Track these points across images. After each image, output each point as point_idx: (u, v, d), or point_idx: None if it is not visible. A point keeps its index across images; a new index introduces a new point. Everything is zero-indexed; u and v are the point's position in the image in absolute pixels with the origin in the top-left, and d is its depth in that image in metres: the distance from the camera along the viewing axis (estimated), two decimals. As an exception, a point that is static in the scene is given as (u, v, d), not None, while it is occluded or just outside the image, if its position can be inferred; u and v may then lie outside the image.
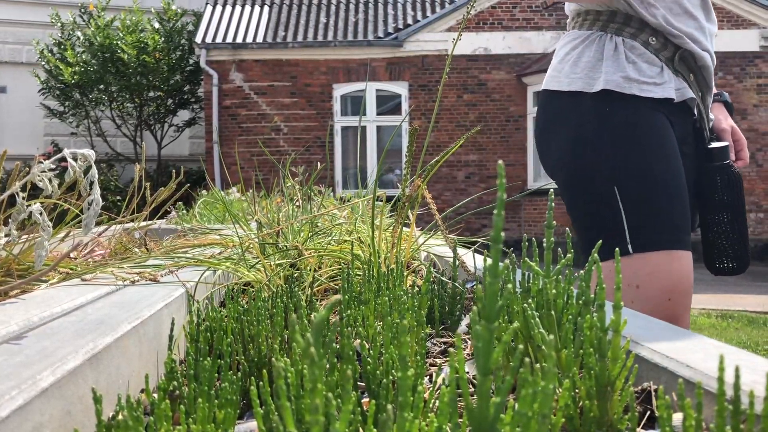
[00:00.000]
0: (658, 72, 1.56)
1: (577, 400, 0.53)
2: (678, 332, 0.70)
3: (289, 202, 1.83)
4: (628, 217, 1.50)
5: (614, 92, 1.54)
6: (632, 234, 1.50)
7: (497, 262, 0.36)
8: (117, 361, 0.73)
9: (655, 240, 1.50)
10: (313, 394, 0.34)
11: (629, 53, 1.57)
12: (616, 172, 1.54)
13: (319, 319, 0.35)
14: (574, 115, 1.60)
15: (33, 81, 13.72)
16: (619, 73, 1.55)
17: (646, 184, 1.52)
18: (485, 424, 0.35)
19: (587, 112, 1.58)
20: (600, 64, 1.57)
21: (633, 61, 1.56)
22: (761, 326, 5.68)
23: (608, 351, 0.51)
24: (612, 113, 1.56)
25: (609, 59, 1.57)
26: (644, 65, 1.56)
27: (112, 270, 1.19)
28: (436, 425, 0.35)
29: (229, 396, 0.53)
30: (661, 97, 1.55)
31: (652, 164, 1.53)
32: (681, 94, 1.58)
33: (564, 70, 1.64)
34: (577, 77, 1.60)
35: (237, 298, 0.93)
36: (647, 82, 1.55)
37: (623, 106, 1.56)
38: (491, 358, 0.35)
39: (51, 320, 0.80)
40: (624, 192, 1.52)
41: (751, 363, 0.57)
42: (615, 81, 1.54)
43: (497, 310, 0.35)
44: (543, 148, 1.72)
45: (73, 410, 0.58)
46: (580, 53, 1.61)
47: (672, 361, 0.59)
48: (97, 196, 0.92)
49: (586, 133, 1.58)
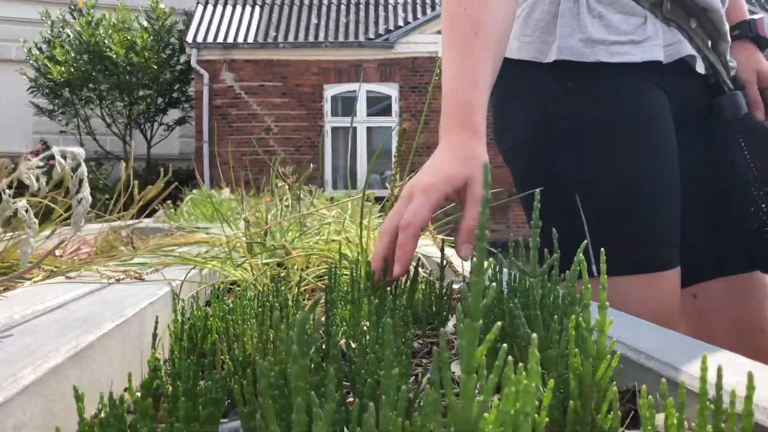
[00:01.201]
0: (639, 25, 1.16)
1: (562, 399, 0.53)
2: (666, 334, 0.70)
3: (279, 201, 1.83)
4: (592, 233, 1.15)
5: (573, 62, 1.16)
6: (597, 253, 1.12)
7: (482, 260, 0.35)
8: (100, 360, 0.72)
9: (625, 264, 1.14)
10: (295, 393, 0.33)
11: (594, 3, 1.16)
12: (578, 176, 1.17)
13: (302, 317, 0.34)
14: (528, 92, 1.22)
15: (22, 78, 13.63)
16: (577, 34, 1.15)
17: (617, 192, 1.16)
18: (468, 422, 0.35)
19: (543, 90, 1.20)
20: (555, 22, 1.18)
21: (599, 15, 1.16)
22: None
23: (593, 351, 0.51)
24: (573, 91, 1.18)
25: (565, 15, 1.17)
26: (616, 18, 1.16)
27: (97, 268, 1.18)
28: (420, 423, 0.35)
29: (211, 395, 0.53)
30: (641, 61, 1.15)
31: (625, 163, 1.17)
32: (674, 52, 1.18)
33: (514, 31, 1.23)
34: (528, 41, 1.21)
35: (223, 297, 0.92)
36: (620, 42, 1.15)
37: (588, 79, 1.17)
38: (475, 356, 0.34)
39: (34, 318, 0.80)
40: (587, 202, 1.16)
41: (735, 364, 0.58)
42: (571, 47, 1.15)
43: (482, 308, 0.34)
44: (496, 128, 1.33)
45: (55, 408, 0.58)
46: (533, 5, 1.21)
47: (657, 361, 0.59)
48: (86, 194, 0.92)
49: (543, 118, 1.20)
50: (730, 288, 1.30)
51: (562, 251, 1.19)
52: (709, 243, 1.29)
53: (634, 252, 1.16)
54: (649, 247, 1.17)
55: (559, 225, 1.16)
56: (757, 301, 1.31)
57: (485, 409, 0.35)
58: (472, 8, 1.00)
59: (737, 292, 1.30)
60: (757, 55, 1.35)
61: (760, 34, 1.36)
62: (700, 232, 1.29)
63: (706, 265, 1.30)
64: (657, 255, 1.18)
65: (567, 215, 1.18)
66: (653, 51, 1.16)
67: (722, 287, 1.30)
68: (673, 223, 1.20)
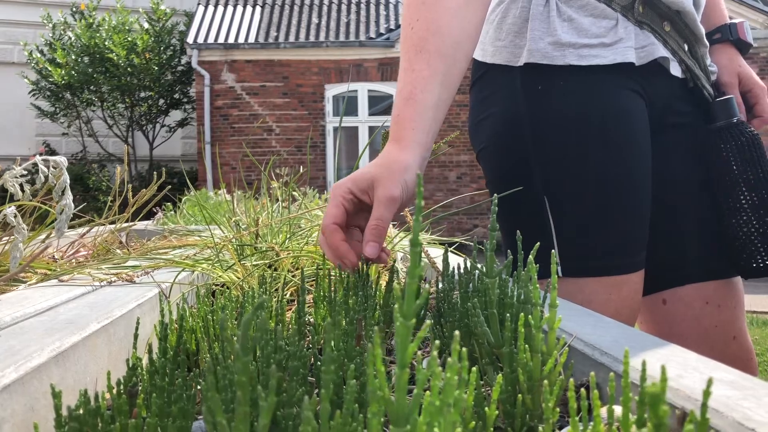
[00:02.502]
0: (610, 28, 1.17)
1: (513, 393, 0.56)
2: (624, 330, 0.73)
3: (274, 202, 1.86)
4: (559, 235, 1.18)
5: (543, 65, 1.18)
6: (563, 254, 1.17)
7: (416, 264, 0.38)
8: (85, 359, 0.75)
9: (591, 265, 1.17)
10: (238, 387, 0.36)
11: (564, 6, 1.18)
12: (547, 179, 1.19)
13: (246, 319, 0.38)
14: (501, 95, 1.24)
15: (24, 81, 13.70)
16: (547, 37, 1.17)
17: (585, 194, 1.17)
18: (402, 414, 0.38)
19: (515, 93, 1.21)
20: (526, 26, 1.19)
21: (569, 18, 1.17)
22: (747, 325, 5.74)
23: (540, 347, 0.54)
24: (543, 95, 1.19)
25: (536, 18, 1.18)
26: (587, 20, 1.17)
27: (89, 271, 1.21)
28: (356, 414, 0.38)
29: (182, 391, 0.56)
30: (612, 63, 1.16)
31: (593, 165, 1.17)
32: (647, 54, 1.19)
33: (489, 34, 1.27)
34: (502, 45, 1.23)
35: (207, 299, 0.95)
36: (590, 45, 1.16)
37: (558, 83, 1.18)
38: (408, 352, 0.37)
39: (23, 320, 0.83)
40: (556, 204, 1.18)
41: (682, 359, 0.60)
42: (541, 50, 1.17)
43: (415, 308, 0.37)
44: (471, 127, 1.35)
45: (37, 406, 0.61)
46: (505, 10, 1.24)
47: (609, 356, 0.62)
48: (69, 201, 0.95)
49: (513, 121, 1.21)
50: (703, 294, 1.30)
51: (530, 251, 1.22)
52: (685, 248, 1.30)
53: (600, 254, 1.17)
54: (615, 250, 1.18)
55: (528, 225, 1.21)
56: (731, 307, 1.31)
57: (418, 401, 0.38)
58: (418, 28, 1.05)
59: (711, 299, 1.30)
60: (738, 59, 1.36)
61: (741, 38, 1.37)
62: (676, 236, 1.30)
63: (679, 270, 1.30)
64: (622, 258, 1.19)
65: (536, 216, 1.20)
66: (625, 53, 1.16)
67: (695, 293, 1.30)
68: (641, 226, 1.21)
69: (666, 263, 1.30)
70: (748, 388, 0.51)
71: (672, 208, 1.29)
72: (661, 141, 1.26)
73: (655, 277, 1.29)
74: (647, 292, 1.31)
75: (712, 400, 0.48)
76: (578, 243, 1.18)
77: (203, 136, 12.58)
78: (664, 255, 1.30)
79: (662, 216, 1.27)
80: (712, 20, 1.42)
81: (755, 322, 5.88)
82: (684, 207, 1.29)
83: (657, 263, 1.28)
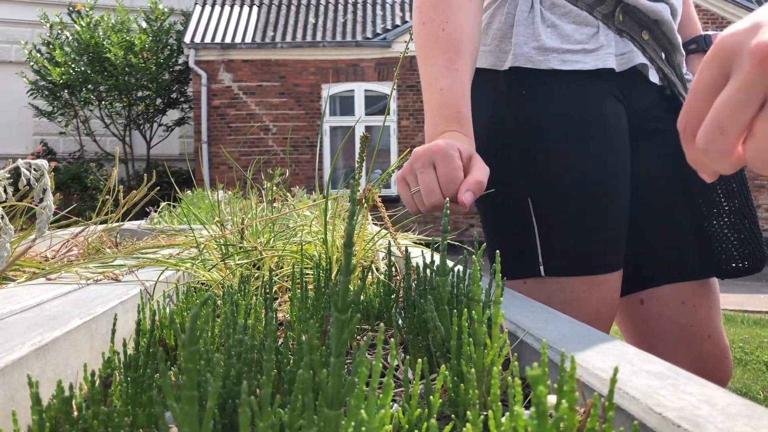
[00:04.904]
0: (592, 35, 1.21)
1: (458, 383, 0.60)
2: (573, 326, 0.77)
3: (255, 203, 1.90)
4: (541, 235, 1.22)
5: (527, 69, 1.22)
6: (546, 254, 1.22)
7: (349, 263, 0.43)
8: (66, 353, 0.79)
9: (572, 265, 1.22)
10: (186, 373, 0.41)
11: (548, 13, 1.22)
12: (531, 180, 1.23)
13: (194, 312, 0.42)
14: (486, 98, 1.28)
15: (22, 80, 13.73)
16: (531, 42, 1.21)
17: (567, 195, 1.21)
18: (336, 399, 0.42)
19: (500, 97, 1.25)
20: (512, 32, 1.24)
21: (552, 24, 1.22)
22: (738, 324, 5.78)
23: (482, 340, 0.58)
24: (527, 98, 1.23)
25: (521, 24, 1.23)
26: (569, 27, 1.21)
27: (76, 270, 1.26)
28: (292, 400, 0.42)
29: (151, 381, 0.60)
30: (594, 69, 1.21)
31: (574, 167, 1.21)
32: (626, 61, 1.24)
33: None
34: (487, 50, 1.28)
35: (188, 297, 0.99)
36: (572, 50, 1.20)
37: (541, 86, 1.22)
38: (342, 343, 0.42)
39: (8, 316, 0.87)
40: (539, 205, 1.22)
41: (620, 352, 0.65)
42: (526, 54, 1.22)
43: (348, 303, 0.42)
44: None
45: (17, 396, 0.65)
46: (491, 16, 1.29)
47: (553, 350, 0.66)
48: (49, 203, 0.99)
49: (499, 124, 1.26)
50: (679, 294, 1.34)
51: (514, 250, 1.27)
52: (663, 249, 1.34)
53: (579, 254, 1.22)
54: (594, 251, 1.22)
55: (513, 226, 1.28)
56: (707, 307, 1.36)
57: (352, 388, 0.42)
58: (451, 30, 1.12)
59: (687, 299, 1.34)
60: None
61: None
62: (655, 238, 1.34)
63: (656, 271, 1.35)
64: (602, 258, 1.23)
65: (520, 217, 1.24)
66: (606, 59, 1.21)
67: (672, 293, 1.34)
68: (620, 227, 1.25)
69: (644, 264, 1.34)
70: (670, 378, 0.55)
71: (649, 210, 1.33)
72: (640, 145, 1.30)
73: (633, 277, 1.34)
74: (625, 293, 1.36)
75: (634, 389, 0.52)
76: (560, 243, 1.22)
77: (200, 136, 12.61)
78: (642, 256, 1.34)
79: (640, 218, 1.32)
80: (687, 31, 1.49)
81: (746, 321, 5.93)
82: (661, 209, 1.34)
83: (635, 264, 1.33)
